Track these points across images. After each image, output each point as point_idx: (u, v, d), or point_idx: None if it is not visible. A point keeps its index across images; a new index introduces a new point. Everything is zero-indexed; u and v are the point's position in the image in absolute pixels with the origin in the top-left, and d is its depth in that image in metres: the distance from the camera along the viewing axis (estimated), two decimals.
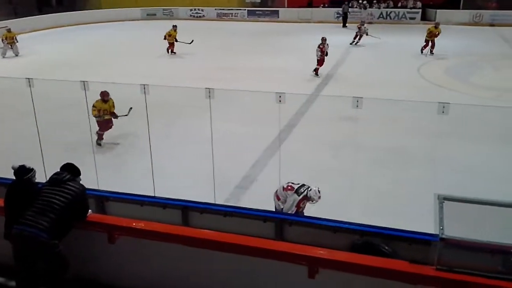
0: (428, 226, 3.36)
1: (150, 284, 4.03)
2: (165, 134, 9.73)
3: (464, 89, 13.46)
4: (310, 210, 5.96)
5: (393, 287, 3.19)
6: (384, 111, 10.15)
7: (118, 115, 9.36)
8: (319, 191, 5.79)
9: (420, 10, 29.12)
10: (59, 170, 4.04)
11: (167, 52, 19.07)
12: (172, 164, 8.57)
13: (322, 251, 3.45)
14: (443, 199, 3.23)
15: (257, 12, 31.81)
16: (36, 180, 4.21)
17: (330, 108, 10.98)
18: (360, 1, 29.71)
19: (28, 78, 6.19)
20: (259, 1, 33.45)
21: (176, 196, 5.20)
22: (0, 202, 4.11)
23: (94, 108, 9.11)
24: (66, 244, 3.78)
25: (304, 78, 14.92)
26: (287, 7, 32.18)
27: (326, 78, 15.04)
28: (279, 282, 3.62)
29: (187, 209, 4.78)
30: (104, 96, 9.15)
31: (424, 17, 28.93)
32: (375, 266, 3.23)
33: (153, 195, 5.52)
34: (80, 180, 4.07)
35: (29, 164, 4.20)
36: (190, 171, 8.28)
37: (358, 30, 20.96)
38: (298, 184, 5.94)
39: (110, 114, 9.32)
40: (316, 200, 5.81)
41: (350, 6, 28.91)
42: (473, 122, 9.97)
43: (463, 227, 3.15)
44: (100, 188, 5.65)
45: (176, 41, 18.84)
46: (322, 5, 31.44)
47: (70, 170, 4.02)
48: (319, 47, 14.92)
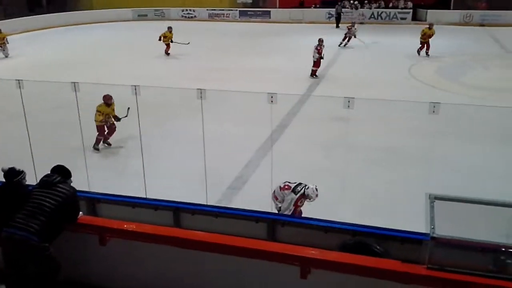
0: (420, 226, 3.37)
1: (142, 286, 4.01)
2: (156, 135, 9.68)
3: (455, 89, 13.55)
4: (302, 210, 5.98)
5: (385, 287, 3.20)
6: (376, 111, 10.19)
7: (120, 117, 9.16)
8: (317, 189, 5.83)
9: (411, 11, 29.30)
10: (50, 172, 4.01)
11: (166, 54, 19.03)
12: (163, 165, 8.54)
13: (314, 251, 3.45)
14: (434, 199, 3.24)
15: (249, 13, 31.82)
16: (26, 183, 4.18)
17: (322, 109, 11.01)
18: (352, 2, 29.83)
19: (18, 80, 6.13)
20: (251, 2, 33.47)
21: (168, 197, 5.18)
22: None
23: (99, 113, 8.91)
24: (57, 247, 3.75)
25: (296, 79, 14.93)
26: (279, 8, 32.21)
27: (318, 78, 15.06)
28: (272, 283, 3.62)
29: (179, 211, 4.76)
30: (108, 100, 8.95)
31: (415, 17, 29.10)
32: (367, 266, 3.24)
33: (145, 197, 5.50)
34: (71, 182, 4.04)
35: (19, 167, 4.17)
36: (182, 172, 8.25)
37: (348, 31, 20.62)
38: (295, 183, 5.96)
39: (114, 117, 9.14)
40: (314, 198, 5.84)
41: (343, 7, 28.99)
42: (464, 122, 10.04)
43: (454, 226, 3.17)
44: (92, 190, 5.61)
45: (172, 42, 18.79)
46: (314, 6, 31.52)
47: (61, 172, 3.99)
48: (317, 49, 14.79)
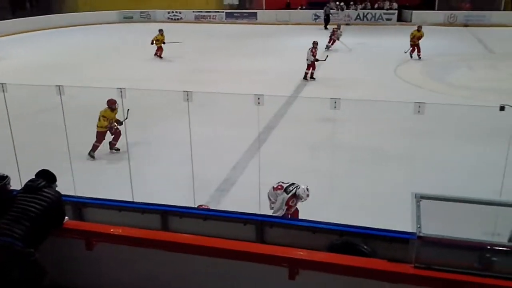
0: (407, 225, 3.39)
1: None
2: (143, 138, 9.63)
3: (441, 89, 13.69)
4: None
5: (373, 286, 3.21)
6: (362, 112, 10.25)
7: (122, 120, 8.88)
8: (308, 189, 5.88)
9: (396, 11, 29.58)
10: (34, 177, 3.96)
11: (159, 57, 18.94)
12: (150, 168, 8.50)
13: (302, 252, 3.45)
14: (420, 198, 3.26)
15: (235, 14, 31.85)
16: (11, 187, 4.12)
17: (309, 110, 11.05)
18: (338, 3, 29.99)
19: (2, 83, 6.06)
20: (237, 3, 33.48)
21: (155, 201, 5.15)
22: None
23: (105, 119, 8.77)
24: (43, 252, 3.70)
25: (283, 80, 14.96)
26: (265, 9, 32.30)
27: (308, 80, 15.10)
28: (260, 285, 3.61)
29: (167, 214, 4.72)
30: (112, 104, 8.79)
31: (400, 18, 29.38)
32: (355, 266, 3.24)
33: (132, 200, 5.46)
34: (56, 187, 3.99)
35: (3, 171, 4.11)
36: (169, 175, 8.22)
37: (332, 34, 20.41)
38: (288, 183, 5.98)
39: (116, 122, 8.99)
40: (305, 198, 5.88)
41: (331, 8, 29.14)
42: (450, 121, 10.14)
43: (440, 225, 3.19)
44: (78, 194, 5.56)
45: (165, 43, 18.70)
46: (300, 7, 31.66)
47: (46, 177, 3.94)
48: (311, 51, 14.75)
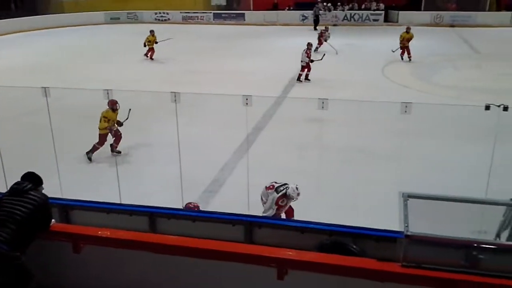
0: (395, 224, 3.41)
1: None
2: (130, 139, 9.56)
3: (428, 89, 13.81)
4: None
5: (361, 285, 3.22)
6: (350, 112, 10.30)
7: (122, 121, 8.87)
8: (297, 188, 5.89)
9: (383, 12, 29.76)
10: (20, 180, 3.91)
11: (149, 58, 18.83)
12: (138, 170, 8.45)
13: (291, 252, 3.46)
14: (408, 197, 3.28)
15: (223, 15, 31.82)
16: None
17: (297, 110, 11.07)
18: (325, 4, 30.11)
19: None
20: (225, 4, 33.45)
21: (143, 203, 5.12)
22: None
23: (106, 119, 8.59)
24: (29, 256, 3.66)
25: (272, 81, 14.98)
26: (253, 10, 32.32)
27: (293, 80, 15.15)
28: (249, 285, 3.61)
29: (154, 216, 4.69)
30: (113, 105, 8.59)
31: (387, 19, 29.58)
32: (343, 265, 3.26)
33: (119, 202, 5.42)
34: (43, 189, 3.95)
35: None
36: (157, 176, 8.18)
37: (320, 36, 19.82)
38: (280, 184, 5.98)
39: (116, 123, 8.83)
40: (296, 198, 5.88)
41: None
42: (436, 121, 10.23)
43: (428, 224, 3.22)
44: (65, 197, 5.50)
45: (157, 43, 18.57)
46: (288, 8, 31.73)
47: (32, 179, 3.90)
48: (306, 52, 14.70)
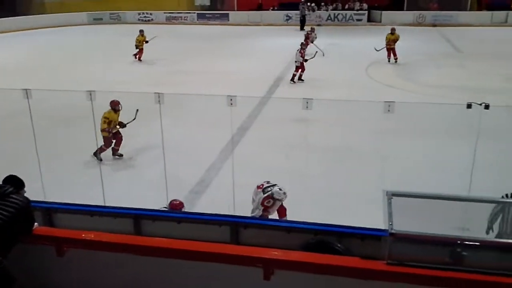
0: (379, 222, 3.44)
1: None
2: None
3: (411, 88, 13.95)
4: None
5: (346, 283, 3.24)
6: (334, 112, 10.36)
7: (126, 123, 8.71)
8: (281, 189, 5.89)
9: (366, 12, 29.99)
10: (1, 183, 3.85)
11: (138, 60, 18.61)
12: (123, 171, 8.39)
13: (277, 252, 3.46)
14: (392, 195, 3.30)
15: (207, 15, 31.75)
16: None
17: (282, 110, 11.08)
18: (309, 4, 30.23)
19: None
20: (209, 4, 33.37)
21: (128, 205, 5.08)
22: None
23: (106, 120, 8.41)
24: (12, 260, 3.61)
25: (257, 81, 14.98)
26: (237, 10, 32.29)
27: (278, 80, 15.18)
28: (235, 286, 3.60)
29: (139, 218, 4.66)
30: (115, 106, 8.47)
31: (370, 19, 29.82)
32: (329, 264, 3.27)
33: (103, 205, 5.37)
34: (25, 193, 3.89)
35: None
36: (142, 178, 8.12)
37: (306, 37, 18.77)
38: (270, 184, 5.99)
39: (119, 125, 8.67)
40: (282, 199, 5.87)
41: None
42: (419, 119, 10.33)
43: (412, 221, 3.25)
44: (48, 199, 5.44)
45: (147, 42, 18.37)
46: (272, 8, 31.78)
47: (13, 182, 3.84)
48: (300, 52, 14.63)
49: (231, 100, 6.04)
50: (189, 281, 3.72)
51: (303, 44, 14.97)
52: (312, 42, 19.01)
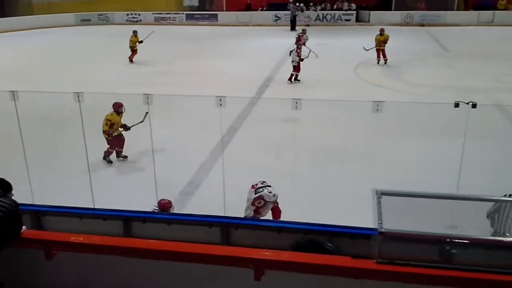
0: (369, 221, 3.46)
1: None
2: (103, 143, 9.38)
3: (400, 87, 14.05)
4: None
5: (337, 283, 3.25)
6: (323, 112, 10.39)
7: (131, 125, 8.56)
8: (270, 192, 5.87)
9: (355, 12, 30.11)
10: None
11: (129, 61, 18.45)
12: (112, 174, 8.33)
13: (267, 253, 3.46)
14: (381, 194, 3.32)
15: (196, 16, 31.65)
16: None
17: (272, 110, 11.09)
18: (298, 4, 30.28)
19: None
20: (197, 5, 33.27)
21: (118, 207, 5.05)
22: None
23: (108, 122, 8.31)
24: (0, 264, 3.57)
25: (246, 81, 14.98)
26: (226, 11, 32.25)
27: (267, 81, 15.19)
28: (226, 287, 3.60)
29: (129, 220, 4.64)
30: (118, 108, 8.37)
31: (358, 19, 29.95)
32: (319, 264, 3.27)
33: (93, 207, 5.33)
34: (12, 196, 3.85)
35: None
36: (132, 180, 8.08)
37: (298, 40, 18.13)
38: (264, 185, 5.99)
39: (122, 127, 8.54)
40: (271, 200, 5.88)
41: (288, 9, 29.32)
42: (407, 118, 10.40)
43: (401, 220, 3.26)
44: (37, 203, 5.39)
45: (142, 42, 18.15)
46: (261, 9, 31.79)
47: (0, 186, 3.79)
48: (296, 52, 14.66)
49: (221, 101, 6.03)
50: (180, 283, 3.71)
51: (299, 44, 14.98)
52: (304, 44, 18.95)
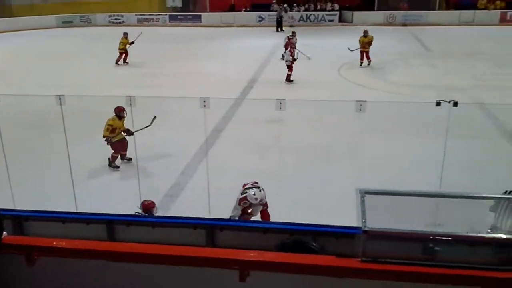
0: (353, 220, 3.47)
1: None
2: (85, 146, 9.27)
3: (383, 87, 14.17)
4: None
5: (322, 282, 3.25)
6: (307, 112, 10.43)
7: (135, 130, 8.20)
8: (254, 194, 5.87)
9: (338, 12, 30.29)
10: None
11: (122, 63, 18.21)
12: (95, 177, 8.24)
13: (252, 253, 3.44)
14: (365, 193, 3.33)
15: (179, 17, 31.51)
16: None
17: (256, 111, 11.09)
18: (281, 5, 30.36)
19: None
20: (181, 6, 33.12)
21: (101, 211, 5.00)
22: None
23: (109, 127, 8.11)
24: None
25: (230, 82, 14.95)
26: (210, 12, 32.18)
27: (251, 82, 15.18)
28: None
29: (113, 223, 4.58)
30: (120, 112, 8.15)
31: (341, 19, 30.14)
32: (304, 263, 3.26)
33: (76, 211, 5.27)
34: None
35: None
36: (115, 183, 8.01)
37: (287, 41, 17.23)
38: (253, 186, 5.98)
39: (125, 132, 8.33)
40: (254, 202, 5.90)
41: (272, 10, 29.36)
42: (391, 118, 10.49)
43: (385, 219, 3.28)
44: (18, 208, 5.31)
45: (133, 43, 18.01)
46: (244, 9, 31.79)
47: None
48: (290, 51, 14.69)
49: (205, 102, 6.03)
50: (165, 286, 3.68)
51: (292, 44, 15.06)
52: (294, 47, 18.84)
